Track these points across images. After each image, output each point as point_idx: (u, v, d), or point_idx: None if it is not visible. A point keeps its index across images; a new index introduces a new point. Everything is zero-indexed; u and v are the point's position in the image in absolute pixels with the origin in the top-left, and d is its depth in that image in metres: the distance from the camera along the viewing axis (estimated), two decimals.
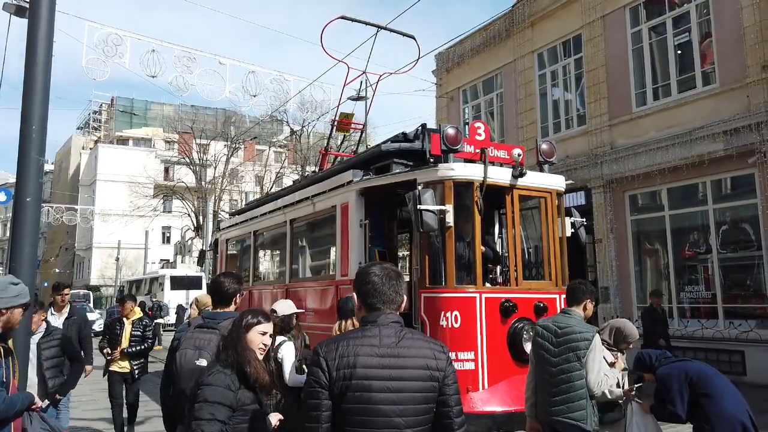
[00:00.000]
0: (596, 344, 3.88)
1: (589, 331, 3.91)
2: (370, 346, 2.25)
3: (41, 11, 4.17)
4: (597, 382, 3.81)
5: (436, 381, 2.25)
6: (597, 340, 3.90)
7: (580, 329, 3.93)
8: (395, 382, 2.20)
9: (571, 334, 3.91)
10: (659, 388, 4.32)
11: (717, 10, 11.96)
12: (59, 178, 57.54)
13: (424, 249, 5.90)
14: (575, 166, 13.97)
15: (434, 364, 2.27)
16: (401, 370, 2.22)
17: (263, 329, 2.88)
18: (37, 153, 3.85)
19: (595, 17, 14.29)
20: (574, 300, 4.13)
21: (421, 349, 2.29)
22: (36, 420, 3.18)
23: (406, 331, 2.34)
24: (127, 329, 7.25)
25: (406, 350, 2.26)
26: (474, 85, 18.33)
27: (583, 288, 4.16)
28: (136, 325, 7.30)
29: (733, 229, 11.81)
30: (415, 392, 2.22)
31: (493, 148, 6.39)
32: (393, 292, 2.37)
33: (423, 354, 2.28)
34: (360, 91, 17.23)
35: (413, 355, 2.26)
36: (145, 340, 7.29)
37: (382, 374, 2.20)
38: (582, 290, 4.14)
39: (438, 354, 2.31)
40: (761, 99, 10.89)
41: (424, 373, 2.24)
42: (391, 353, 2.24)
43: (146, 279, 31.95)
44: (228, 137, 40.45)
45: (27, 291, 3.32)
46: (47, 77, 3.95)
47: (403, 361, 2.23)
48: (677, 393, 4.14)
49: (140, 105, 55.73)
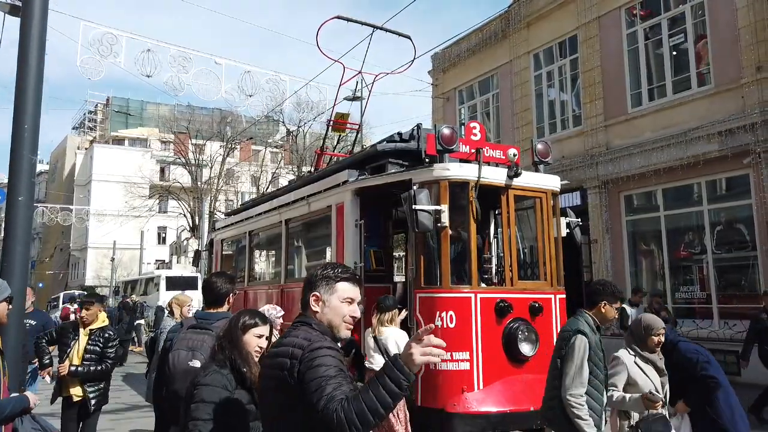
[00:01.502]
0: (577, 346, 3.61)
1: (569, 331, 3.73)
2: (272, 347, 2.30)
3: (34, 10, 4.14)
4: (567, 388, 3.56)
5: (291, 393, 2.05)
6: (579, 343, 3.62)
7: (566, 329, 3.80)
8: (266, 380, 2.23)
9: (559, 337, 3.85)
10: (682, 360, 4.24)
11: (712, 11, 12.00)
12: (54, 178, 57.35)
13: (420, 249, 5.89)
14: (571, 167, 13.99)
15: (283, 372, 2.08)
16: (263, 381, 2.24)
17: (260, 332, 2.87)
18: (30, 152, 3.83)
19: (591, 18, 14.32)
20: (588, 302, 3.92)
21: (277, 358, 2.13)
22: (27, 420, 3.14)
23: (280, 339, 2.23)
24: (81, 342, 5.29)
25: (270, 360, 2.19)
26: (470, 86, 18.34)
27: (600, 289, 3.89)
28: (94, 337, 5.33)
29: (728, 230, 11.85)
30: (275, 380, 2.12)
31: (488, 148, 6.39)
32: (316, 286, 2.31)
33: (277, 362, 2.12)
34: (356, 92, 17.21)
35: (269, 366, 2.17)
36: (104, 359, 5.33)
37: (263, 373, 2.23)
38: (598, 291, 3.88)
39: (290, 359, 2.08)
40: (756, 100, 10.93)
41: (276, 384, 2.12)
42: (272, 353, 2.24)
43: (142, 279, 31.84)
44: (224, 137, 40.36)
45: (6, 284, 3.31)
46: (40, 76, 3.93)
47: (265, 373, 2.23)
48: (707, 362, 4.11)
49: (136, 105, 55.57)
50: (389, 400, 1.87)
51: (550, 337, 5.95)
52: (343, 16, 8.86)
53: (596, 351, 3.70)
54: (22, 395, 3.25)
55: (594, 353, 3.68)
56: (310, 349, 2.06)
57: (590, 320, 3.80)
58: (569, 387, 3.56)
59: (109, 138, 54.49)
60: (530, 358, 5.64)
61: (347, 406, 1.86)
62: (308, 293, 2.30)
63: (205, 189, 37.89)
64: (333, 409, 1.87)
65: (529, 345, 5.64)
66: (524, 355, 5.59)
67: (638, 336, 4.04)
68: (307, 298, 2.29)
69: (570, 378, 3.57)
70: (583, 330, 3.68)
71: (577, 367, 3.59)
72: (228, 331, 2.80)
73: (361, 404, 1.86)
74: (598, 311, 3.85)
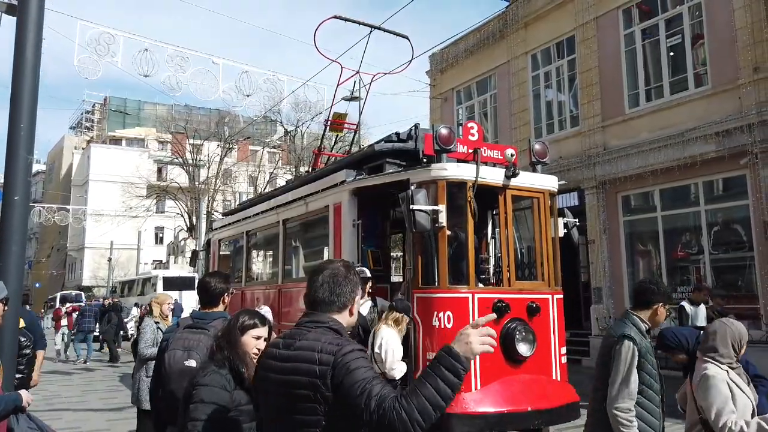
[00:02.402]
0: (623, 353, 3.16)
1: (614, 336, 3.26)
2: (269, 354, 2.14)
3: (30, 9, 4.13)
4: (613, 401, 3.13)
5: (318, 390, 1.94)
6: (625, 349, 3.16)
7: (610, 334, 3.33)
8: (275, 398, 2.05)
9: (603, 343, 3.36)
10: None
11: (709, 12, 12.02)
12: (51, 178, 57.24)
13: (417, 249, 5.88)
14: (568, 167, 14.01)
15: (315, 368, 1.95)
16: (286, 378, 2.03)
17: (259, 333, 2.86)
18: (26, 151, 3.81)
19: (588, 19, 14.34)
20: (640, 303, 3.38)
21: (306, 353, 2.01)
22: (23, 420, 3.12)
23: (304, 336, 2.08)
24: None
25: (295, 353, 2.03)
26: (468, 86, 18.35)
27: (654, 289, 3.36)
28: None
29: (725, 230, 11.88)
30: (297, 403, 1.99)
31: (485, 148, 6.38)
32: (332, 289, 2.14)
33: (307, 357, 1.99)
34: (353, 92, 17.22)
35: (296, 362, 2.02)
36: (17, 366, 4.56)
37: (271, 382, 2.07)
38: (652, 291, 3.35)
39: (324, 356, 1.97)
40: (753, 100, 10.95)
41: (305, 381, 1.98)
42: (280, 366, 2.06)
43: (139, 280, 31.76)
44: (221, 137, 40.32)
45: (2, 285, 3.28)
46: (36, 76, 3.92)
47: (288, 368, 2.03)
48: None
49: (133, 105, 55.48)
50: (449, 392, 1.79)
51: (548, 337, 5.95)
52: (341, 16, 8.84)
53: (648, 358, 3.21)
54: (15, 393, 3.22)
55: (646, 360, 3.19)
56: (343, 354, 1.95)
57: (640, 324, 3.30)
58: (615, 399, 3.13)
59: (107, 138, 54.40)
60: (528, 358, 5.63)
61: (406, 403, 1.76)
62: None
63: (203, 189, 37.86)
64: (390, 407, 1.76)
65: (527, 345, 5.63)
66: (522, 355, 5.58)
67: (734, 346, 3.25)
68: None
69: (615, 389, 3.14)
70: (630, 335, 3.20)
71: (623, 377, 3.13)
72: (227, 332, 2.80)
73: (421, 398, 1.77)
74: (653, 314, 3.34)
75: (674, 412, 8.52)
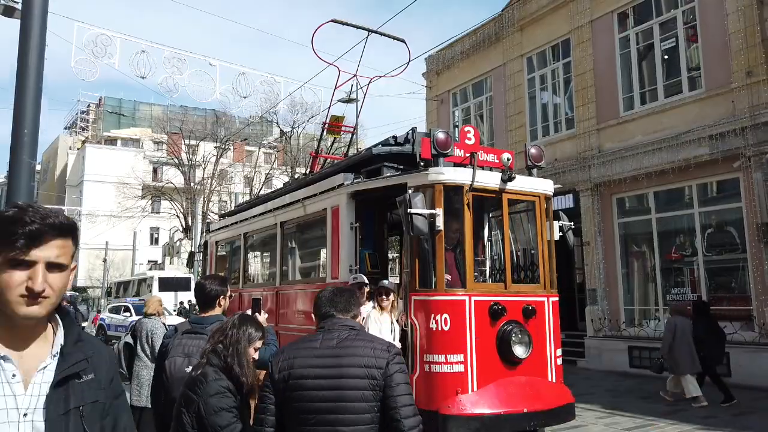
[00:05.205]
0: None
1: None
2: (309, 348, 2.43)
3: (34, 13, 4.17)
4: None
5: (374, 379, 2.31)
6: None
7: None
8: (330, 380, 2.31)
9: None
10: None
11: (703, 16, 12.13)
12: (46, 179, 57.02)
13: (414, 252, 5.94)
14: (563, 170, 14.10)
15: (373, 362, 2.33)
16: (338, 368, 2.33)
17: (259, 344, 2.95)
18: (29, 156, 3.85)
19: (584, 22, 14.43)
20: None
21: (360, 349, 2.38)
22: None
23: (349, 333, 2.45)
24: None
25: (345, 350, 2.37)
26: (464, 88, 18.43)
27: None
28: None
29: (719, 233, 11.98)
30: (350, 390, 2.30)
31: (482, 152, 6.44)
32: (345, 302, 2.59)
33: (361, 353, 2.36)
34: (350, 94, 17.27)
35: (350, 354, 2.35)
36: None
37: (317, 373, 2.34)
38: None
39: (378, 353, 2.38)
40: (746, 104, 11.06)
41: (361, 371, 2.32)
42: (328, 353, 2.37)
43: (134, 280, 31.72)
44: (217, 138, 40.29)
45: None
46: (39, 81, 3.95)
47: (340, 360, 2.34)
48: None
49: (128, 105, 55.40)
50: None
51: (543, 339, 6.02)
52: (339, 20, 8.90)
53: None
54: None
55: None
56: (396, 353, 2.42)
57: None
58: None
59: (102, 138, 54.26)
60: (523, 360, 5.69)
61: None
62: None
63: (198, 190, 37.81)
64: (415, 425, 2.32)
65: (523, 347, 5.69)
66: (518, 357, 5.64)
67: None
68: None
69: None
70: None
71: None
72: (235, 342, 2.81)
73: None
74: None
75: (673, 412, 8.59)
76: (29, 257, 1.38)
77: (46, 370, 1.44)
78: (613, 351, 12.88)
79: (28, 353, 1.43)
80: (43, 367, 1.43)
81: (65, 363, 1.46)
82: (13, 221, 1.39)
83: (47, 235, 1.41)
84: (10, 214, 1.41)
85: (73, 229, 1.49)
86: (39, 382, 1.42)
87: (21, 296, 1.37)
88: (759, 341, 10.58)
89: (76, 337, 1.53)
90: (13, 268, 1.37)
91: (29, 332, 1.45)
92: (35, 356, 1.44)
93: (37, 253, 1.39)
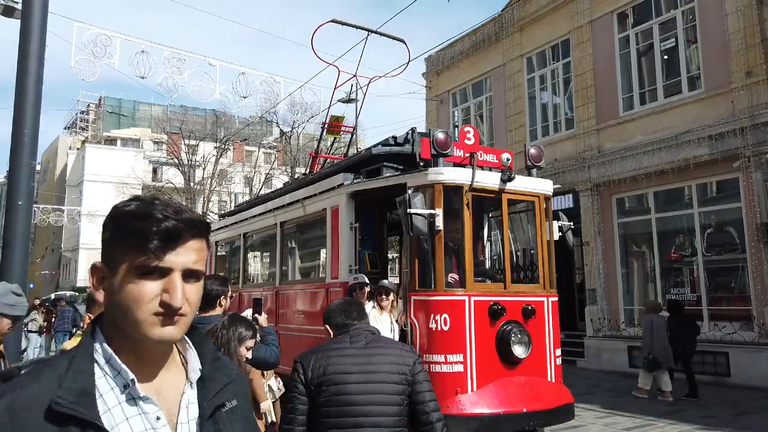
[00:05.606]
0: None
1: None
2: (339, 349, 2.62)
3: (34, 13, 4.17)
4: None
5: (404, 375, 2.57)
6: None
7: None
8: (364, 376, 2.53)
9: None
10: None
11: (702, 16, 12.14)
12: (45, 179, 57.01)
13: (414, 252, 5.95)
14: (563, 170, 14.11)
15: (402, 360, 2.61)
16: (371, 366, 2.56)
17: (251, 344, 2.96)
18: (30, 157, 3.86)
19: (583, 22, 14.44)
20: None
21: (389, 349, 2.67)
22: None
23: (373, 337, 2.71)
24: None
25: (374, 350, 2.61)
26: (464, 88, 18.44)
27: None
28: None
29: (718, 233, 11.99)
30: (384, 383, 2.54)
31: (482, 152, 6.46)
32: (358, 311, 2.85)
33: (391, 353, 2.64)
34: (350, 94, 17.28)
35: (381, 354, 2.59)
36: None
37: (351, 370, 2.54)
38: None
39: (405, 353, 2.67)
40: (745, 104, 11.07)
41: (392, 368, 2.56)
42: (359, 354, 2.59)
43: None
44: (217, 138, 40.28)
45: (25, 306, 3.26)
46: (39, 82, 3.96)
47: (371, 359, 2.57)
48: None
49: (128, 105, 55.37)
50: None
51: (543, 339, 6.03)
52: (338, 20, 8.91)
53: None
54: None
55: None
56: (419, 354, 2.80)
57: None
58: None
59: (101, 138, 54.24)
60: (523, 360, 5.70)
61: None
62: None
63: (198, 190, 37.80)
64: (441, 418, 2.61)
65: (522, 347, 5.70)
66: (517, 357, 5.65)
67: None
68: None
69: None
70: None
71: None
72: (226, 342, 2.84)
73: None
74: None
75: (673, 412, 8.60)
76: (163, 263, 1.05)
77: (190, 405, 1.13)
78: (612, 351, 12.89)
79: (164, 385, 1.12)
80: (186, 402, 1.13)
81: (208, 391, 1.15)
82: (141, 217, 1.07)
83: (185, 235, 1.09)
84: (133, 208, 1.09)
85: (208, 227, 1.18)
86: (186, 420, 1.12)
87: (155, 314, 1.05)
88: (758, 341, 10.59)
89: (212, 354, 1.21)
90: (142, 277, 1.05)
91: (160, 358, 1.13)
92: (171, 387, 1.13)
93: (172, 259, 1.06)
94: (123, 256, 1.06)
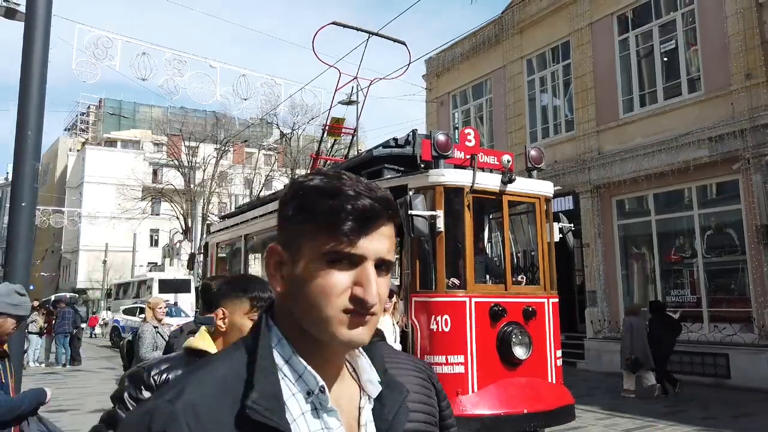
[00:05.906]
0: None
1: None
2: None
3: (38, 16, 4.20)
4: None
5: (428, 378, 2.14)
6: None
7: None
8: None
9: None
10: None
11: (702, 18, 12.16)
12: (45, 180, 57.01)
13: (415, 254, 5.97)
14: (563, 171, 14.13)
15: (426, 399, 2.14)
16: None
17: None
18: (33, 158, 3.88)
19: (583, 24, 14.47)
20: None
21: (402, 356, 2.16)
22: (33, 422, 3.17)
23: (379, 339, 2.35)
24: None
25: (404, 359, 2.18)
26: (464, 90, 18.47)
27: None
28: None
29: (718, 234, 12.01)
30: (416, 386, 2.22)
31: (482, 154, 6.48)
32: None
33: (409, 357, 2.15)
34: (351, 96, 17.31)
35: None
36: None
37: None
38: None
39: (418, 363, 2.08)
40: (745, 106, 11.09)
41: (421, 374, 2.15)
42: None
43: (134, 282, 31.72)
44: (217, 140, 40.33)
45: (28, 306, 3.28)
46: (42, 84, 3.99)
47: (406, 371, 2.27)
48: None
49: (128, 107, 55.43)
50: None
51: (544, 340, 6.04)
52: (339, 22, 8.93)
53: None
54: (39, 389, 3.18)
55: None
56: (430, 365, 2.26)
57: None
58: None
59: (102, 140, 54.29)
60: (524, 361, 5.72)
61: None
62: None
63: (198, 191, 37.83)
64: None
65: (523, 348, 5.72)
66: (518, 358, 5.67)
67: None
68: None
69: None
70: None
71: None
72: None
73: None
74: None
75: (672, 413, 8.61)
76: (356, 250, 0.86)
77: (368, 424, 0.93)
78: (612, 352, 12.88)
79: (341, 396, 0.93)
80: (365, 420, 0.93)
81: (386, 410, 0.95)
82: (330, 193, 0.88)
83: (381, 217, 0.89)
84: (319, 182, 0.90)
85: (399, 210, 0.96)
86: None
87: (344, 311, 0.86)
88: (758, 343, 10.60)
89: (383, 364, 1.00)
90: (330, 265, 0.86)
91: (339, 364, 0.94)
92: (347, 400, 0.94)
93: (365, 245, 0.87)
94: (308, 239, 0.88)
